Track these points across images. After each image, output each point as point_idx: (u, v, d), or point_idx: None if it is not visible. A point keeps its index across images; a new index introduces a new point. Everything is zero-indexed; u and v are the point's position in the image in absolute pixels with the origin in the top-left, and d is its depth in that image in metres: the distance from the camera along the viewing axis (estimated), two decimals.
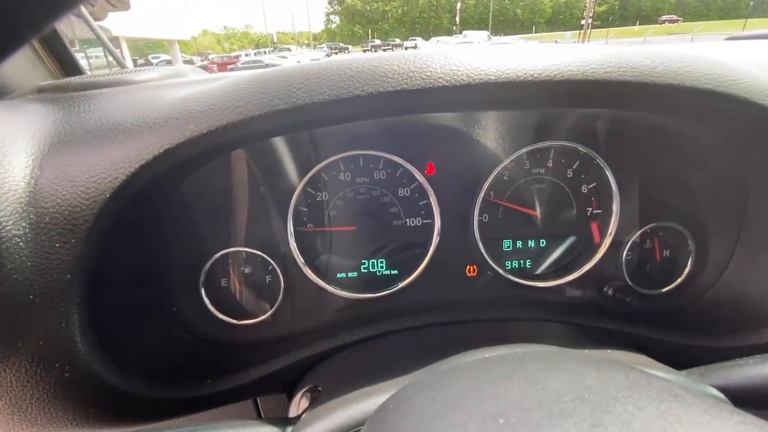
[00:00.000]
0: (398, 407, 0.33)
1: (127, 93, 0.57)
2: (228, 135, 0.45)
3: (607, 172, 0.71)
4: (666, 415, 0.23)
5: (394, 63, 0.44)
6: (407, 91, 0.43)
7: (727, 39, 1.00)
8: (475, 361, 0.41)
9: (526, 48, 0.49)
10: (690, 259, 0.74)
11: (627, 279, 0.75)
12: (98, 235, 0.46)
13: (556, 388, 0.28)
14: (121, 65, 1.10)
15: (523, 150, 0.70)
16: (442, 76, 0.43)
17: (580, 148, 0.70)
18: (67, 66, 0.84)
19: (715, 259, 0.72)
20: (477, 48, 0.48)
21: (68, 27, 0.87)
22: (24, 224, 0.42)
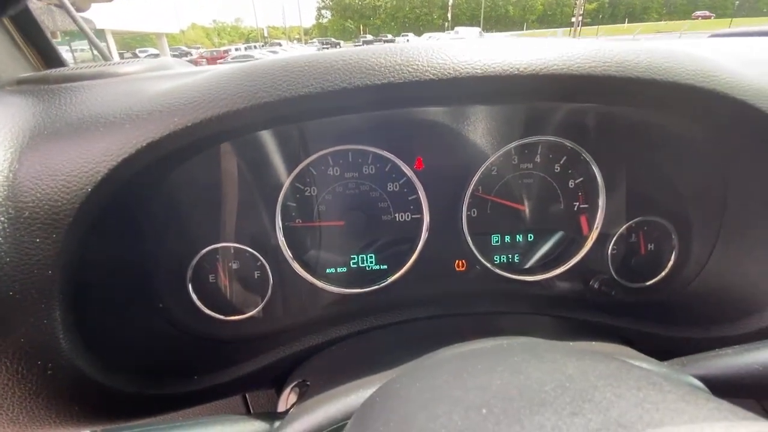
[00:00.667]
0: (384, 399, 0.34)
1: (109, 85, 0.56)
2: (212, 128, 0.44)
3: (593, 167, 0.72)
4: (644, 403, 0.24)
5: (381, 56, 0.44)
6: (394, 84, 0.43)
7: (710, 36, 1.01)
8: (461, 353, 0.41)
9: (514, 42, 0.49)
10: (673, 252, 0.75)
11: (612, 272, 0.76)
12: (80, 230, 0.45)
13: (537, 377, 0.28)
14: (106, 58, 1.07)
15: (511, 145, 0.70)
16: (429, 69, 0.43)
17: (567, 144, 0.71)
18: (48, 58, 0.82)
19: (697, 252, 0.73)
20: (464, 42, 0.48)
21: (49, 18, 0.85)
22: (2, 219, 0.41)
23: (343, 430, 0.37)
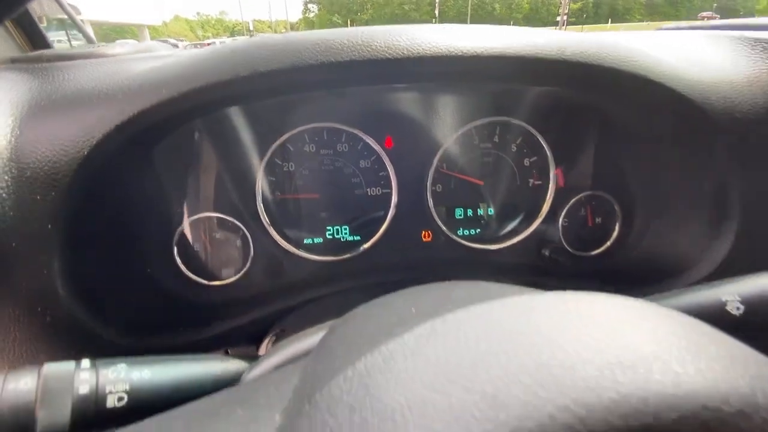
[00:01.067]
0: (341, 323, 0.40)
1: (101, 64, 0.60)
2: (196, 99, 0.50)
3: (544, 146, 0.79)
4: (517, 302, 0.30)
5: (345, 37, 0.50)
6: (354, 61, 0.49)
7: (659, 29, 1.10)
8: (412, 289, 0.48)
9: (468, 28, 0.55)
10: (617, 224, 0.84)
11: (563, 242, 0.84)
12: (76, 190, 0.50)
13: (458, 293, 0.35)
14: (91, 42, 1.11)
15: (471, 125, 0.77)
16: (385, 49, 0.50)
17: (522, 125, 0.78)
18: (36, 40, 0.85)
19: (638, 225, 0.82)
20: (423, 26, 0.55)
21: (36, 3, 0.88)
22: (6, 177, 0.46)
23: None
